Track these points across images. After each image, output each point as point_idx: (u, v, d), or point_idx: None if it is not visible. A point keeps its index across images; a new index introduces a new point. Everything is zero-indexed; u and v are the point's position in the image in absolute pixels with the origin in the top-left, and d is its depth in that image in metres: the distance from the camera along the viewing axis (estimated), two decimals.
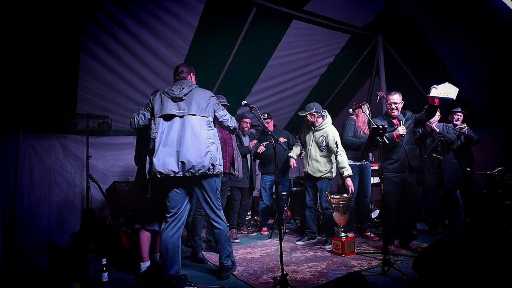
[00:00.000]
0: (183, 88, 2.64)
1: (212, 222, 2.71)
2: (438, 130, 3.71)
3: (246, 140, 4.71)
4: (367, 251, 3.29)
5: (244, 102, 2.72)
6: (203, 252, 3.41)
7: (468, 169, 4.31)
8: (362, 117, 3.94)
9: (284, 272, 2.32)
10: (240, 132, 4.64)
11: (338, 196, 3.38)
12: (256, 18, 4.48)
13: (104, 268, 2.54)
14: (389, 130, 3.17)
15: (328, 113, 3.98)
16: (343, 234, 3.34)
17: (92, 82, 4.49)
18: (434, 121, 3.76)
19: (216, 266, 2.92)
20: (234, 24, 4.53)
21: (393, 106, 3.22)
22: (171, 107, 2.57)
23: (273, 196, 4.71)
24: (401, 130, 3.11)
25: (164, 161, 2.45)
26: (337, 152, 3.56)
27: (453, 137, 3.86)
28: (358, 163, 3.89)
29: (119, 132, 5.37)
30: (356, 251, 3.32)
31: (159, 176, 2.45)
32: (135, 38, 4.16)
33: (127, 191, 3.97)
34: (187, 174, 2.47)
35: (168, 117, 2.56)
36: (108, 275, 2.63)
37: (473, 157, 4.51)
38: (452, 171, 3.83)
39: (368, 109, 3.18)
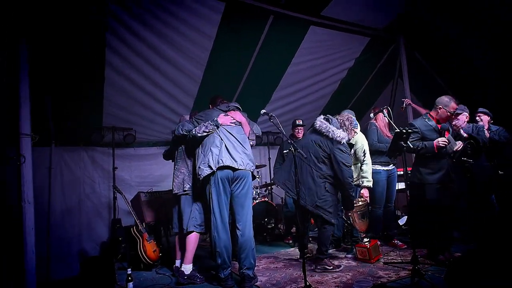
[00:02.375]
0: None
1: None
2: (465, 135, 3.49)
3: None
4: (395, 261, 3.16)
5: (263, 111, 2.72)
6: None
7: (502, 172, 4.04)
8: (382, 120, 3.82)
9: (308, 284, 2.26)
10: None
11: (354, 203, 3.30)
12: (273, 26, 4.49)
13: (130, 278, 2.58)
14: (430, 138, 2.97)
15: None
16: (366, 240, 3.25)
17: (116, 95, 4.66)
18: (461, 125, 3.57)
19: (237, 275, 2.93)
20: (252, 32, 4.56)
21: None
22: None
23: None
24: (441, 141, 2.89)
25: None
26: (363, 160, 3.52)
27: (485, 139, 3.63)
28: (386, 168, 3.76)
29: (143, 143, 5.53)
30: (383, 260, 3.20)
31: None
32: (155, 50, 4.27)
33: (151, 201, 4.05)
34: None
35: None
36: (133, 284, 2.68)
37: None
38: (484, 174, 3.60)
39: (389, 113, 3.07)
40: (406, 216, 4.60)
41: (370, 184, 3.46)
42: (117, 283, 2.89)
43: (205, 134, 2.91)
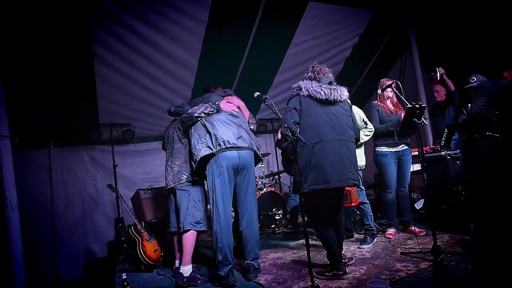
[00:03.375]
0: None
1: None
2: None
3: None
4: (414, 250, 2.89)
5: (256, 94, 2.48)
6: None
7: None
8: (393, 97, 3.47)
9: (315, 284, 2.04)
10: None
11: None
12: (268, 5, 4.19)
13: (125, 283, 2.42)
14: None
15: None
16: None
17: (110, 90, 4.46)
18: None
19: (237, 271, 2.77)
20: (246, 14, 4.27)
21: None
22: None
23: None
24: None
25: None
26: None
27: None
28: (394, 150, 3.41)
29: (143, 138, 5.38)
30: (400, 250, 2.94)
31: None
32: (144, 39, 4.04)
33: (151, 198, 3.88)
34: None
35: None
36: None
37: None
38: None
39: (399, 87, 2.74)
40: (423, 199, 4.29)
41: None
42: (116, 287, 2.73)
43: (202, 115, 2.69)
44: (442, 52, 5.03)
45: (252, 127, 2.91)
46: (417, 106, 2.33)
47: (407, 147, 3.45)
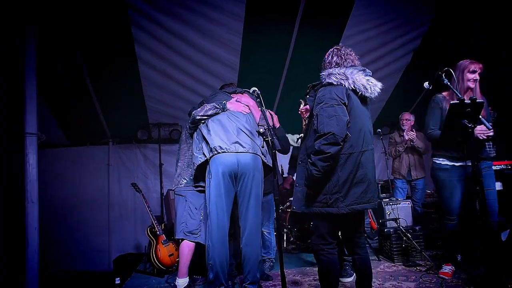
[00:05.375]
0: None
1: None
2: None
3: None
4: None
5: (253, 89, 2.14)
6: None
7: None
8: (476, 88, 2.41)
9: None
10: None
11: None
12: None
13: None
14: None
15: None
16: None
17: (156, 91, 4.61)
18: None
19: None
20: (287, 5, 3.88)
21: None
22: None
23: None
24: None
25: None
26: None
27: None
28: (458, 164, 2.52)
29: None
30: None
31: None
32: (183, 39, 4.01)
33: None
34: None
35: None
36: None
37: None
38: None
39: (449, 74, 2.00)
40: (509, 230, 3.25)
41: None
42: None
43: (205, 117, 2.47)
44: None
45: (261, 129, 2.54)
46: (467, 102, 1.64)
47: (483, 160, 2.55)
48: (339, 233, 2.35)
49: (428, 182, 3.93)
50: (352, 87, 1.89)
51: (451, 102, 1.73)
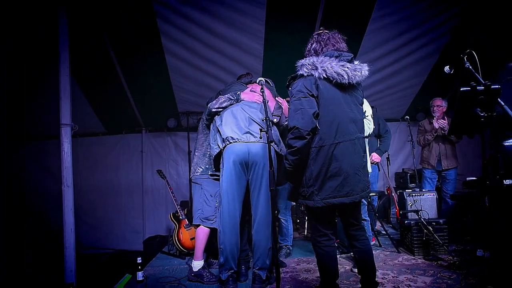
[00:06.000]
0: None
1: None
2: None
3: None
4: None
5: (259, 79, 2.15)
6: None
7: None
8: None
9: None
10: None
11: None
12: None
13: (139, 267, 2.54)
14: None
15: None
16: None
17: (183, 81, 4.77)
18: None
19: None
20: None
21: None
22: None
23: None
24: None
25: None
26: None
27: None
28: None
29: None
30: None
31: None
32: (205, 28, 4.06)
33: None
34: None
35: None
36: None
37: None
38: None
39: (472, 56, 1.82)
40: None
41: None
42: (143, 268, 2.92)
43: (220, 109, 2.54)
44: None
45: (275, 119, 2.55)
46: (479, 88, 1.50)
47: None
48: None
49: (460, 172, 3.68)
50: (324, 76, 1.83)
51: (461, 89, 1.59)
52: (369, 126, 2.71)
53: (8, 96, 2.82)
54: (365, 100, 2.62)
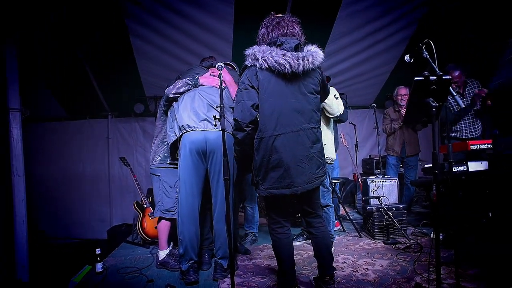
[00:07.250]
0: None
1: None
2: None
3: None
4: None
5: (218, 64, 2.08)
6: None
7: None
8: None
9: None
10: None
11: None
12: None
13: (98, 258, 2.46)
14: None
15: None
16: None
17: (149, 64, 4.57)
18: None
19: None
20: None
21: None
22: None
23: None
24: None
25: None
26: None
27: None
28: None
29: None
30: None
31: None
32: (174, 11, 3.89)
33: None
34: None
35: None
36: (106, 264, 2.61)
37: None
38: None
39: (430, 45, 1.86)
40: None
41: None
42: (105, 258, 2.83)
43: (177, 95, 2.43)
44: None
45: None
46: (433, 78, 1.52)
47: None
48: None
49: (425, 159, 3.82)
50: (266, 66, 1.79)
51: (415, 78, 1.61)
52: (339, 108, 2.67)
53: None
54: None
